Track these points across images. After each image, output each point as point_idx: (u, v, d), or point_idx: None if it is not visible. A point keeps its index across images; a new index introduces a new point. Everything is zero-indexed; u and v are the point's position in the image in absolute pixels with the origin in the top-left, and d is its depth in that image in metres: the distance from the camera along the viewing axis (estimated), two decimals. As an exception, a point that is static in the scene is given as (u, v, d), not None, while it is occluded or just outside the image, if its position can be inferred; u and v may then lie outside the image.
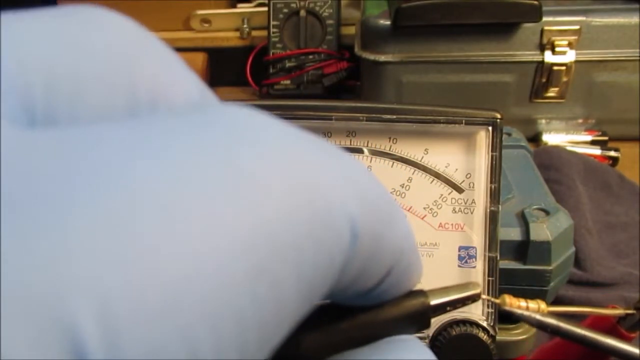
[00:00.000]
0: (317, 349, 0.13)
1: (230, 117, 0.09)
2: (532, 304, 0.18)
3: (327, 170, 0.10)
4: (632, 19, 0.58)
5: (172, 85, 0.11)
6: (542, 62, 0.59)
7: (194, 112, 0.09)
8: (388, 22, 0.60)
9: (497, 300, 0.17)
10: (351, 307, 0.14)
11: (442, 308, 0.15)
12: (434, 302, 0.15)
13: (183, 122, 0.09)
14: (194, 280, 0.07)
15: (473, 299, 0.15)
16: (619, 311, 0.19)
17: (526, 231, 0.34)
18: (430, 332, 0.31)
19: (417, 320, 0.14)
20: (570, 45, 0.59)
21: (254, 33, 0.82)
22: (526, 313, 0.18)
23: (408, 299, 0.14)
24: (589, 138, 0.62)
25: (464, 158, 0.32)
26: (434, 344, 0.31)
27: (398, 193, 0.32)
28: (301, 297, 0.09)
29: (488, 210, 0.31)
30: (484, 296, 0.16)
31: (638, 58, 0.59)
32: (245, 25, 0.82)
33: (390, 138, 0.32)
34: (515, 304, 0.17)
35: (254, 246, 0.08)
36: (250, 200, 0.08)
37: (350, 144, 0.32)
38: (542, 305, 0.18)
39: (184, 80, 0.12)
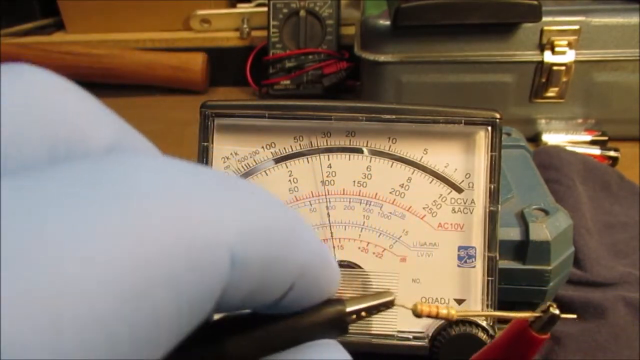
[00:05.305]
0: (242, 354, 0.15)
1: (121, 169, 0.11)
2: (443, 310, 0.19)
3: (208, 208, 0.11)
4: (632, 19, 0.58)
5: (87, 131, 0.13)
6: (542, 62, 0.59)
7: (93, 162, 0.11)
8: (388, 22, 0.60)
9: (410, 307, 0.19)
10: (273, 315, 0.15)
11: (357, 314, 0.17)
12: (349, 309, 0.16)
13: (80, 174, 0.11)
14: (79, 293, 0.09)
15: (386, 305, 0.17)
16: (528, 314, 0.21)
17: (525, 231, 0.34)
18: (429, 332, 0.31)
19: (335, 325, 0.16)
20: (570, 45, 0.59)
21: (254, 33, 0.82)
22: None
23: (326, 306, 0.16)
24: (589, 138, 0.62)
25: (464, 158, 0.32)
26: (434, 343, 0.31)
27: (397, 193, 0.32)
28: (181, 318, 0.11)
29: (487, 210, 0.31)
30: (397, 303, 0.18)
31: (638, 58, 0.59)
32: (245, 25, 0.82)
33: (389, 138, 0.32)
34: (426, 311, 0.19)
35: (129, 276, 0.10)
36: (129, 240, 0.10)
37: (350, 144, 0.32)
38: (452, 311, 0.19)
39: (98, 125, 0.13)
